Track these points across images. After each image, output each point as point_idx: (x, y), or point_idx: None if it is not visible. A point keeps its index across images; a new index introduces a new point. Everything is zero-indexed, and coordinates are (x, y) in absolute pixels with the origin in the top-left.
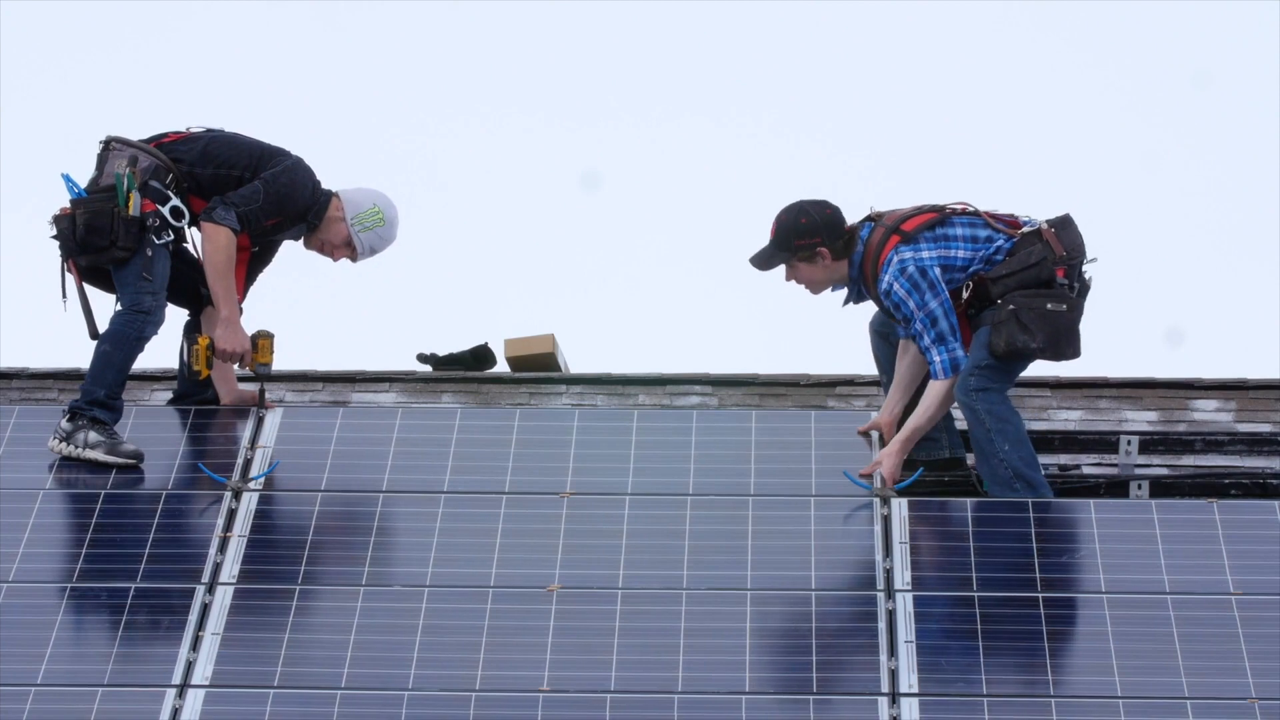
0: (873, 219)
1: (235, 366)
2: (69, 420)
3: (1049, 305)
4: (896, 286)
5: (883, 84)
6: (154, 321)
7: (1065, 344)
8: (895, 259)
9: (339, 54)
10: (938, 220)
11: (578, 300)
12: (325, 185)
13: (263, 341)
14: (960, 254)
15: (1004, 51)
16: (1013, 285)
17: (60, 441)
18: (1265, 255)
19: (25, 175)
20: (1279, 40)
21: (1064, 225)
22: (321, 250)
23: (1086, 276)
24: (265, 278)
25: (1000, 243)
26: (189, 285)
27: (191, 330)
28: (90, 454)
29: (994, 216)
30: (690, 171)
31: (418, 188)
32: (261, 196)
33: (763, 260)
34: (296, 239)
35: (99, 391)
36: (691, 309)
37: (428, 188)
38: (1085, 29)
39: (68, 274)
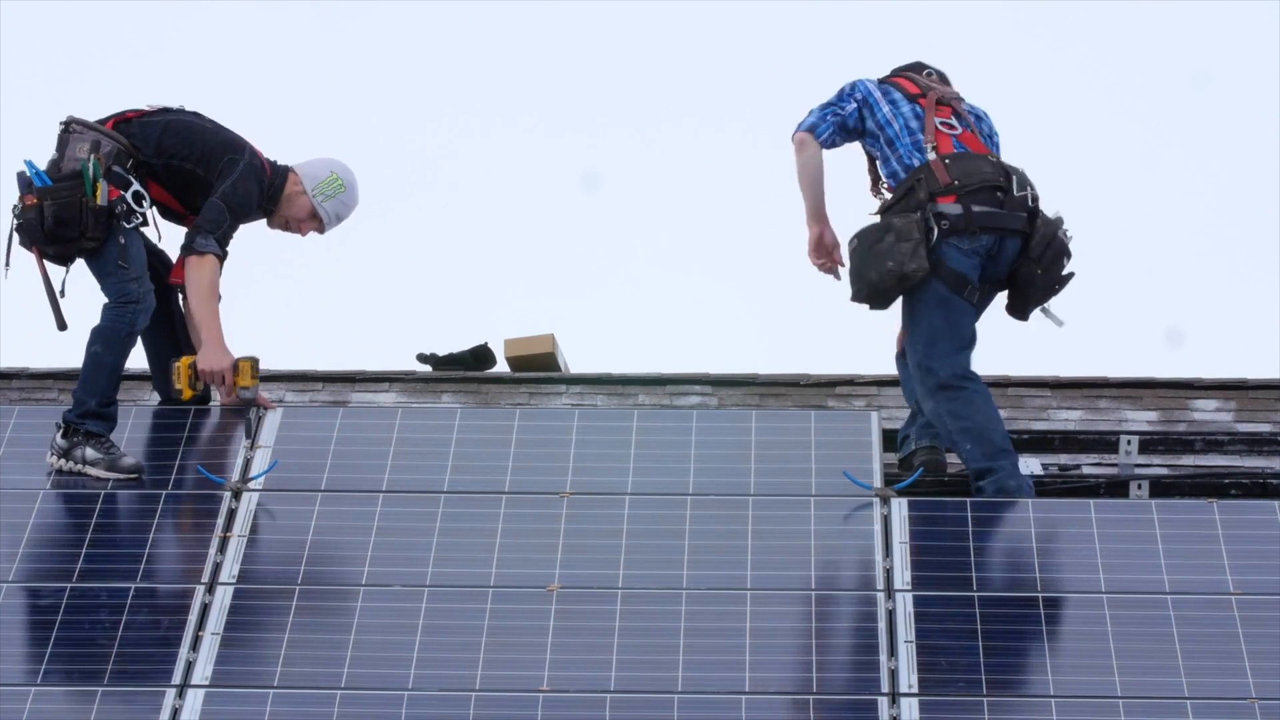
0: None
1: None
2: (63, 436)
3: (851, 244)
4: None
5: None
6: (145, 309)
7: (855, 283)
8: None
9: (339, 54)
10: (906, 91)
11: (578, 300)
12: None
13: (243, 364)
14: (884, 110)
15: (1004, 51)
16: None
17: (58, 458)
18: (1265, 255)
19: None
20: (1279, 40)
21: (959, 157)
22: (287, 228)
23: (1042, 209)
24: (265, 277)
25: (909, 156)
26: (151, 276)
27: (152, 331)
28: (90, 470)
29: (945, 129)
30: (690, 172)
31: (418, 188)
32: (228, 215)
33: None
34: (255, 220)
35: (91, 402)
36: (691, 309)
37: (428, 187)
38: (1085, 29)
39: (37, 262)
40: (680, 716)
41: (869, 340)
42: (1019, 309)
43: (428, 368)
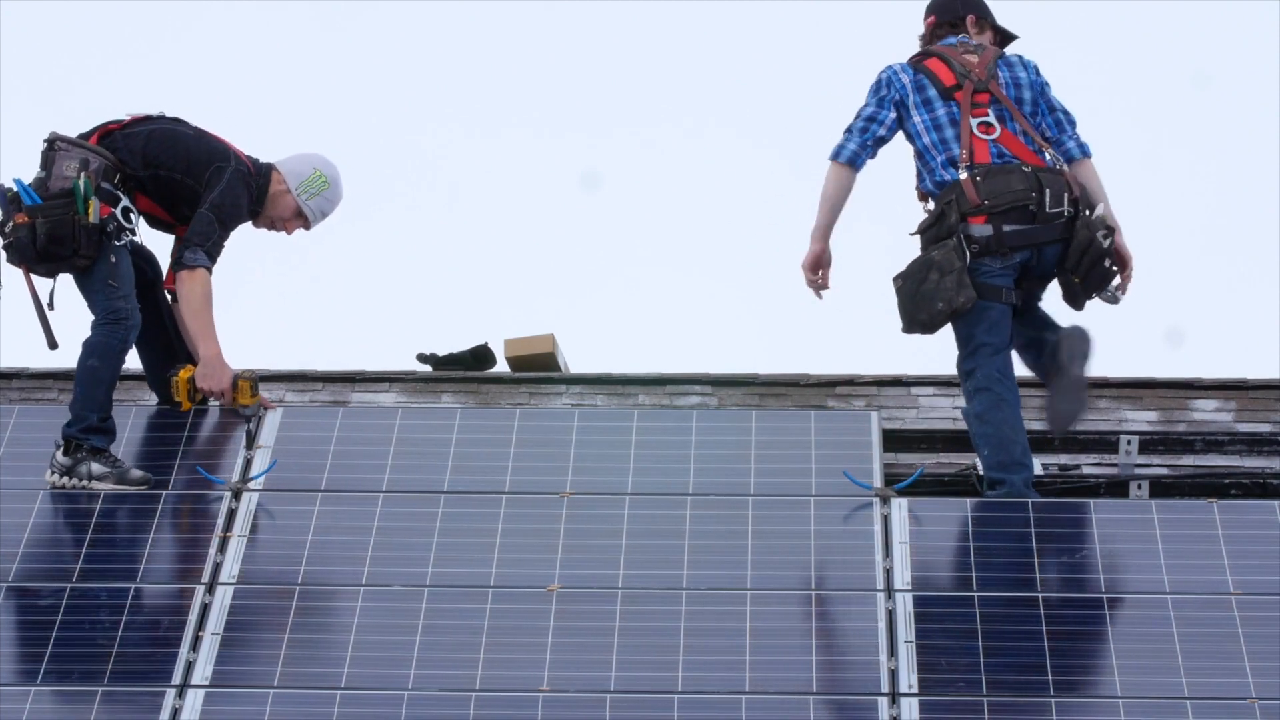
0: (969, 45)
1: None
2: (65, 453)
3: (896, 283)
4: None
5: None
6: (133, 325)
7: (908, 321)
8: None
9: (338, 53)
10: (941, 84)
11: (578, 300)
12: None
13: (242, 383)
14: (916, 119)
15: None
16: (924, 244)
17: (61, 476)
18: (1265, 255)
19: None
20: (1279, 40)
21: (991, 173)
22: (273, 227)
23: (1084, 211)
24: (265, 276)
25: (942, 171)
26: (139, 277)
27: (145, 334)
28: (97, 485)
29: (982, 133)
30: (690, 172)
31: (418, 187)
32: (217, 227)
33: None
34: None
35: (91, 416)
36: (691, 309)
37: (428, 187)
38: (1085, 29)
39: (25, 279)
40: (680, 716)
41: (869, 340)
42: (1070, 303)
43: (428, 368)
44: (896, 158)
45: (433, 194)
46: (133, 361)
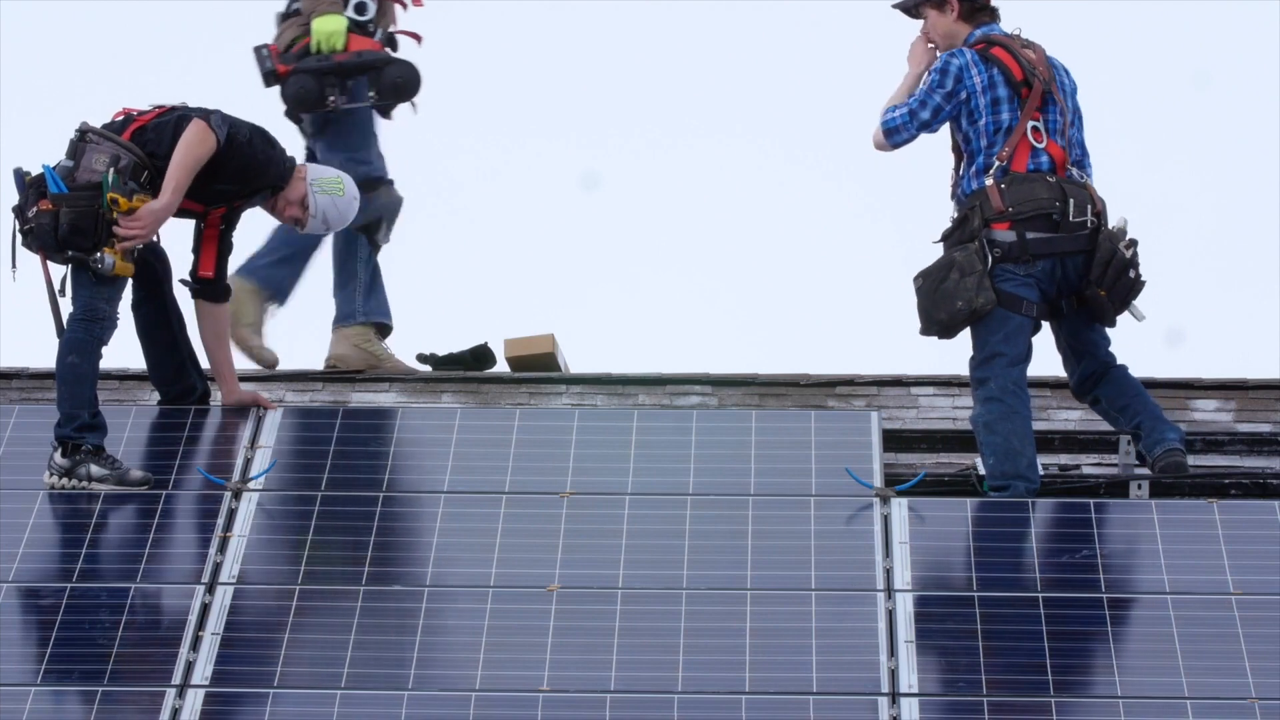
0: (1006, 35)
1: (236, 364)
2: (63, 455)
3: (916, 282)
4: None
5: (880, 86)
6: (111, 326)
7: (926, 321)
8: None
9: None
10: (1010, 76)
11: (578, 300)
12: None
13: (140, 206)
14: (984, 118)
15: None
16: (947, 250)
17: (60, 477)
18: (1265, 255)
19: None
20: (1279, 40)
21: (1016, 180)
22: (274, 208)
23: (1107, 224)
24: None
25: (974, 179)
26: (149, 274)
27: (149, 330)
28: (97, 487)
29: (1032, 138)
30: (690, 172)
31: (418, 188)
32: (244, 128)
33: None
34: (256, 205)
35: (82, 414)
36: (691, 309)
37: (428, 188)
38: (1085, 29)
39: (42, 266)
40: (680, 716)
41: (869, 340)
42: (1101, 320)
43: (428, 368)
44: (910, 159)
45: (432, 194)
46: (134, 361)
